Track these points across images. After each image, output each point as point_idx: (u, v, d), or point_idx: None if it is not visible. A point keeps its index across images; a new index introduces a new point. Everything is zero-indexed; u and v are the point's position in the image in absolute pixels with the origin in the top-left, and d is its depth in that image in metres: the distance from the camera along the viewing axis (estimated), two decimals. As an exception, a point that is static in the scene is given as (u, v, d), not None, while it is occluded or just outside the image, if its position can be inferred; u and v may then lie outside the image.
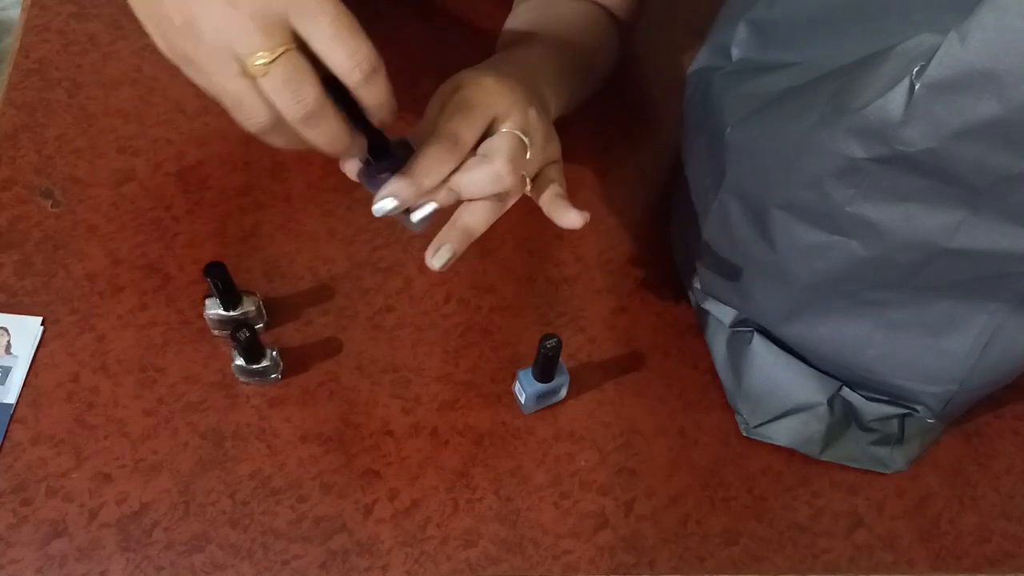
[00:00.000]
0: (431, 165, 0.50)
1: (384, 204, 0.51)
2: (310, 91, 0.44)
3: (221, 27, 0.43)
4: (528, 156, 0.53)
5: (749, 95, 0.56)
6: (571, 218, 0.54)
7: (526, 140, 0.53)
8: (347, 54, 0.44)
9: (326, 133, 0.46)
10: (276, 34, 0.43)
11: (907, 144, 0.45)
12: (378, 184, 0.51)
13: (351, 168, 0.52)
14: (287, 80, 0.44)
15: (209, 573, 0.57)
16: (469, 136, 0.52)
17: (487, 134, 0.53)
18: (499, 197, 0.53)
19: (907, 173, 0.47)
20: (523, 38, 0.65)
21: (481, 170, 0.52)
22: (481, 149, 0.53)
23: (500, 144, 0.52)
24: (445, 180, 0.52)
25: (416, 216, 0.53)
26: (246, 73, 0.44)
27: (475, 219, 0.53)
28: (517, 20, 0.69)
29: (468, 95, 0.52)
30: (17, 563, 0.57)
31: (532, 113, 0.54)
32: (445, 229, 0.53)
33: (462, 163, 0.52)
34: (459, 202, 0.53)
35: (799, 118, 0.50)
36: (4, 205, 0.70)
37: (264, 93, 0.44)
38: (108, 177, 0.72)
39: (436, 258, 0.53)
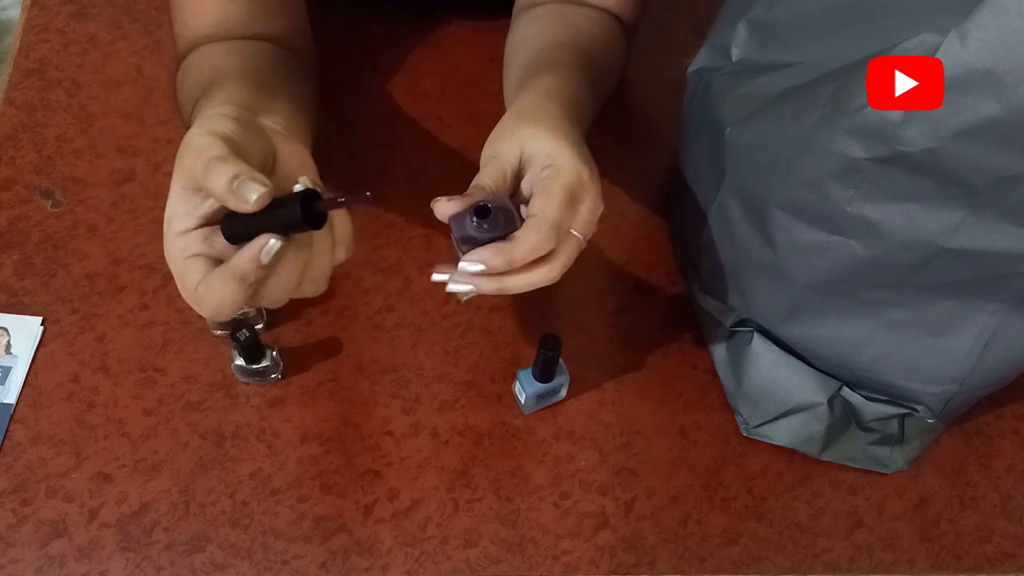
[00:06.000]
0: (531, 253, 0.51)
1: (473, 267, 0.51)
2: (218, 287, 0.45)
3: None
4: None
5: (749, 95, 0.56)
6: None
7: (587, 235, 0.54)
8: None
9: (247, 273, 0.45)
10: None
11: (907, 144, 0.45)
12: (468, 238, 0.51)
13: (443, 211, 0.51)
14: (205, 303, 0.46)
15: (209, 573, 0.57)
16: (568, 227, 0.53)
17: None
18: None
19: (907, 173, 0.47)
20: (553, 57, 0.63)
21: (540, 273, 0.53)
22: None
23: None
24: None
25: (452, 284, 0.52)
26: None
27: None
28: (533, 29, 0.67)
29: (572, 186, 0.52)
30: (17, 563, 0.57)
31: (601, 206, 0.55)
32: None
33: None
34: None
35: (799, 118, 0.50)
36: (4, 205, 0.70)
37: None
38: (108, 177, 0.72)
39: (452, 284, 0.52)
